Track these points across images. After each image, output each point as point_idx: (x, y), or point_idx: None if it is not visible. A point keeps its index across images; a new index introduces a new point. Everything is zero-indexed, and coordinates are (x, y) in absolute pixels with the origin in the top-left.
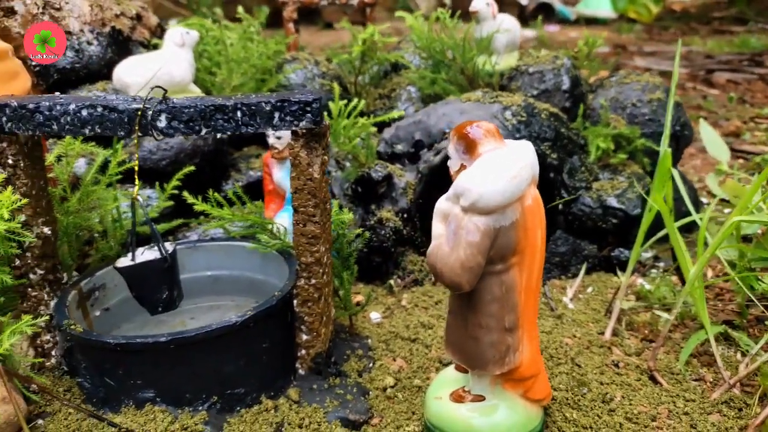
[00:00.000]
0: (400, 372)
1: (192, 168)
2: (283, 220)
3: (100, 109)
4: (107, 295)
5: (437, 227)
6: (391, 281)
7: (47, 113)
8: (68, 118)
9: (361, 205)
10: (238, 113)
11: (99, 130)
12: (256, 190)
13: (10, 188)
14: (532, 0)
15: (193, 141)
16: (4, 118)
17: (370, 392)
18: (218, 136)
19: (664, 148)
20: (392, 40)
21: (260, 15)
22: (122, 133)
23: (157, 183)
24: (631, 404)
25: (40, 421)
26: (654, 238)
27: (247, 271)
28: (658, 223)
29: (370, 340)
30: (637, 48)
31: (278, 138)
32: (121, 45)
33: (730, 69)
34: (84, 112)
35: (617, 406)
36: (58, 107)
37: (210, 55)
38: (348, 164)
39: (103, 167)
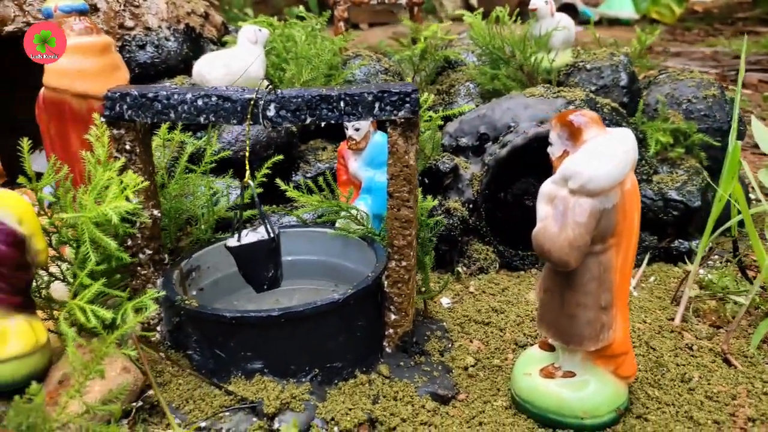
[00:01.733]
0: (478, 352)
1: (281, 157)
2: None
3: (214, 99)
4: (201, 276)
5: (543, 209)
6: (459, 268)
7: (165, 102)
8: (185, 107)
9: (427, 195)
10: (342, 103)
11: (213, 119)
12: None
13: (130, 171)
14: (556, 0)
15: (267, 133)
16: (125, 106)
17: (453, 370)
18: (322, 124)
19: (733, 141)
20: (452, 38)
21: (324, 14)
22: (234, 121)
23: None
24: (709, 384)
25: (151, 392)
26: (721, 229)
27: (325, 256)
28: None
29: (445, 323)
30: (662, 49)
31: (356, 129)
32: (194, 41)
33: (760, 69)
34: (200, 102)
35: (696, 385)
36: (176, 96)
37: (278, 51)
38: None
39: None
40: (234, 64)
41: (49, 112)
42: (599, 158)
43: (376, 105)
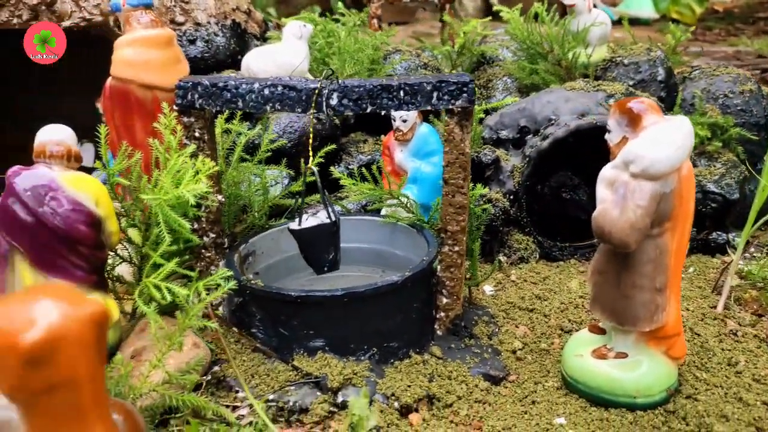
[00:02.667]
0: (525, 337)
1: (333, 146)
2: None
3: (281, 88)
4: (256, 261)
5: (603, 192)
6: (500, 257)
7: (234, 91)
8: (252, 96)
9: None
10: (401, 92)
11: (279, 107)
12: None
13: (200, 157)
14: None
15: (313, 125)
16: (196, 95)
17: (502, 353)
18: (382, 113)
19: None
20: (491, 33)
21: (366, 10)
22: (299, 109)
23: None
24: (756, 368)
25: (216, 368)
26: (762, 220)
27: (372, 244)
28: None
29: (490, 309)
30: (683, 48)
31: (404, 121)
32: (239, 37)
33: None
34: (266, 91)
35: (743, 368)
36: (244, 86)
37: (320, 46)
38: None
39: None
40: (280, 58)
41: (115, 102)
42: (660, 143)
43: (434, 94)
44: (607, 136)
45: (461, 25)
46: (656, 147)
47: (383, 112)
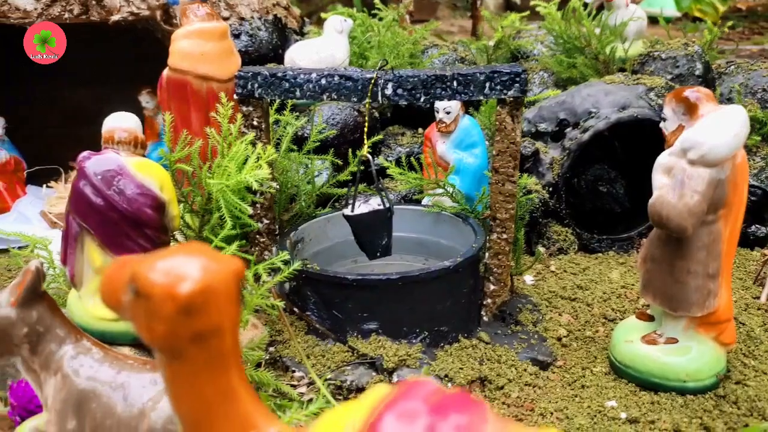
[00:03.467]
0: (569, 325)
1: (381, 136)
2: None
3: (337, 78)
4: (305, 247)
5: (659, 179)
6: (540, 248)
7: (292, 81)
8: (310, 86)
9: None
10: (455, 83)
11: (335, 97)
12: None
13: (260, 144)
14: None
15: (354, 117)
16: (256, 85)
17: (547, 340)
18: (435, 103)
19: None
20: (529, 28)
21: (404, 5)
22: (355, 99)
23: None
24: None
25: (271, 348)
26: None
27: (416, 233)
28: None
29: (533, 298)
30: (732, 48)
31: (447, 113)
32: (280, 31)
33: None
34: (323, 81)
35: None
36: (302, 76)
37: (359, 41)
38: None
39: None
40: (323, 52)
41: (171, 92)
42: (718, 131)
43: (487, 84)
44: (662, 124)
45: (499, 20)
46: (714, 134)
47: (436, 102)
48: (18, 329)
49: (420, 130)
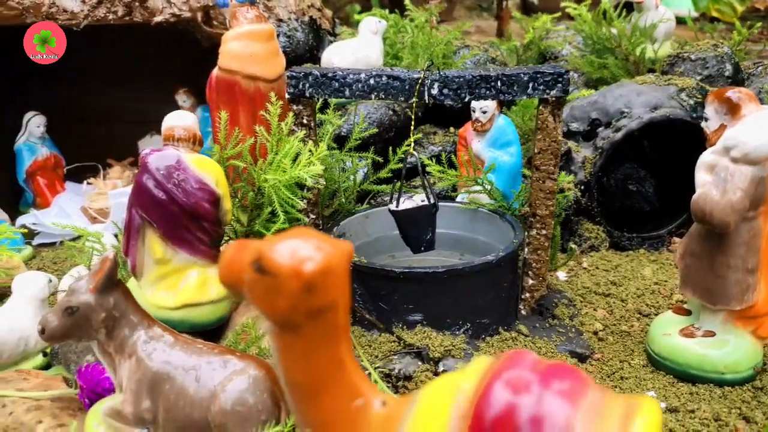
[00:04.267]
0: (605, 319)
1: (419, 135)
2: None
3: (385, 78)
4: None
5: (702, 177)
6: (571, 245)
7: (342, 81)
8: (359, 85)
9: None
10: (499, 83)
11: (383, 96)
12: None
13: (310, 142)
14: None
15: (389, 117)
16: (307, 85)
17: (584, 333)
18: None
19: None
20: (559, 29)
21: (436, 7)
22: (402, 98)
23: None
24: None
25: None
26: None
27: (452, 229)
28: None
29: (567, 294)
30: (760, 49)
31: (483, 112)
32: (315, 32)
33: None
34: (372, 81)
35: None
36: (351, 76)
37: (392, 41)
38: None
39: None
40: (359, 53)
41: (220, 92)
42: (761, 130)
43: (530, 84)
44: (703, 123)
45: (530, 21)
46: (757, 133)
47: (479, 101)
48: (96, 314)
49: (452, 129)
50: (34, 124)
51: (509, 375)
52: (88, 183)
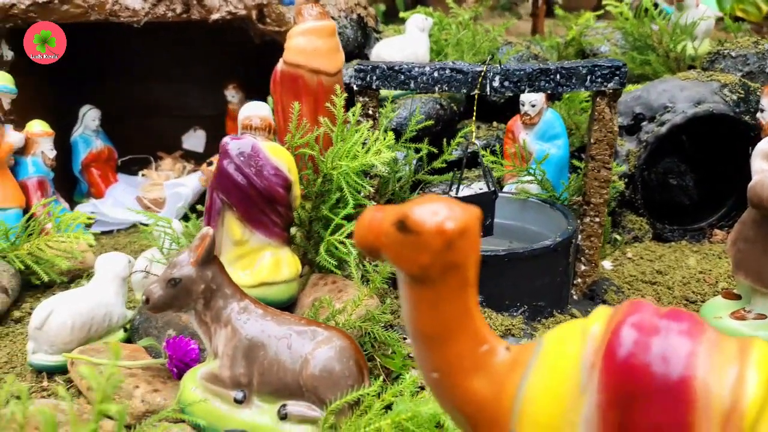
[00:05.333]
0: None
1: (472, 127)
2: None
3: (449, 71)
4: None
5: (759, 164)
6: (616, 236)
7: (407, 73)
8: (423, 78)
9: None
10: (558, 75)
11: (446, 88)
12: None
13: (376, 132)
14: None
15: (436, 110)
16: (374, 77)
17: None
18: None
19: None
20: (600, 26)
21: (482, 5)
22: (464, 90)
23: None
24: None
25: (389, 316)
26: None
27: (502, 219)
28: None
29: (614, 281)
30: None
31: (533, 106)
32: (362, 29)
33: None
34: (435, 74)
35: None
36: (416, 69)
37: (436, 38)
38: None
39: None
40: (407, 49)
41: (284, 85)
42: None
43: (588, 77)
44: (759, 114)
45: (572, 19)
46: None
47: (541, 93)
48: (196, 286)
49: (494, 123)
50: (90, 117)
51: (635, 318)
52: (143, 175)
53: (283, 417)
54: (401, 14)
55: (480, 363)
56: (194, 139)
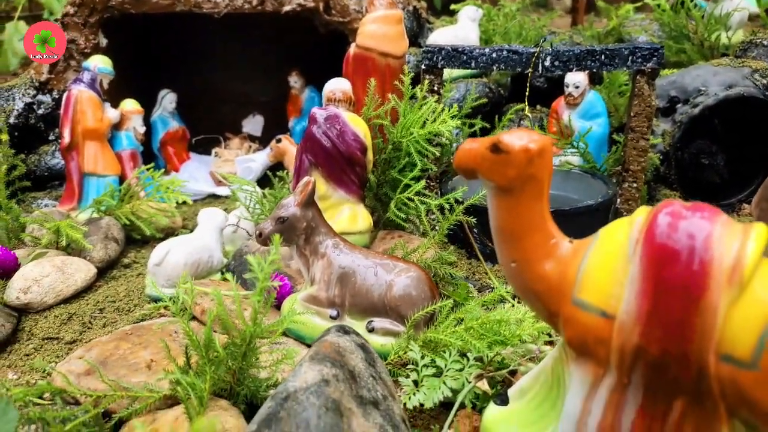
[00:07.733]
0: None
1: (523, 105)
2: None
3: (506, 53)
4: None
5: None
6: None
7: (469, 54)
8: (483, 58)
9: None
10: (603, 56)
11: (503, 67)
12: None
13: (441, 105)
14: None
15: (485, 93)
16: (440, 57)
17: None
18: (585, 73)
19: None
20: (638, 18)
21: None
22: (519, 69)
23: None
24: None
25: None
26: None
27: None
28: None
29: None
30: None
31: (576, 87)
32: (417, 20)
33: None
34: (494, 54)
35: None
36: (477, 50)
37: (484, 28)
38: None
39: None
40: (460, 36)
41: (356, 68)
42: None
43: (630, 58)
44: None
45: (613, 10)
46: None
47: (587, 72)
48: (300, 223)
49: (538, 106)
50: (168, 100)
51: (668, 209)
52: (215, 153)
53: (371, 330)
54: (452, 6)
55: (549, 252)
56: (253, 124)
